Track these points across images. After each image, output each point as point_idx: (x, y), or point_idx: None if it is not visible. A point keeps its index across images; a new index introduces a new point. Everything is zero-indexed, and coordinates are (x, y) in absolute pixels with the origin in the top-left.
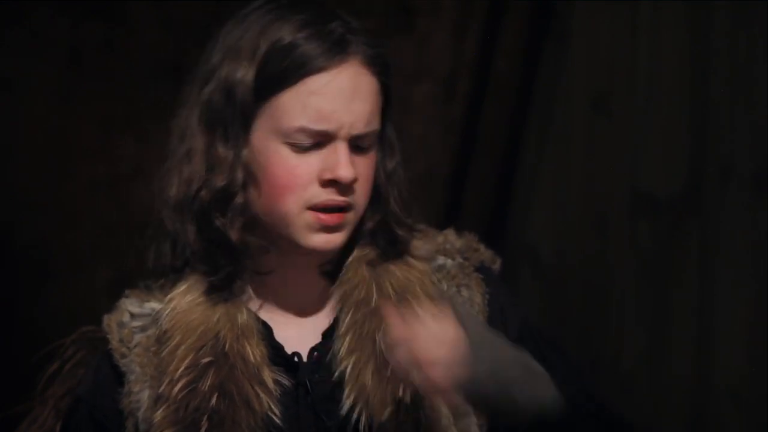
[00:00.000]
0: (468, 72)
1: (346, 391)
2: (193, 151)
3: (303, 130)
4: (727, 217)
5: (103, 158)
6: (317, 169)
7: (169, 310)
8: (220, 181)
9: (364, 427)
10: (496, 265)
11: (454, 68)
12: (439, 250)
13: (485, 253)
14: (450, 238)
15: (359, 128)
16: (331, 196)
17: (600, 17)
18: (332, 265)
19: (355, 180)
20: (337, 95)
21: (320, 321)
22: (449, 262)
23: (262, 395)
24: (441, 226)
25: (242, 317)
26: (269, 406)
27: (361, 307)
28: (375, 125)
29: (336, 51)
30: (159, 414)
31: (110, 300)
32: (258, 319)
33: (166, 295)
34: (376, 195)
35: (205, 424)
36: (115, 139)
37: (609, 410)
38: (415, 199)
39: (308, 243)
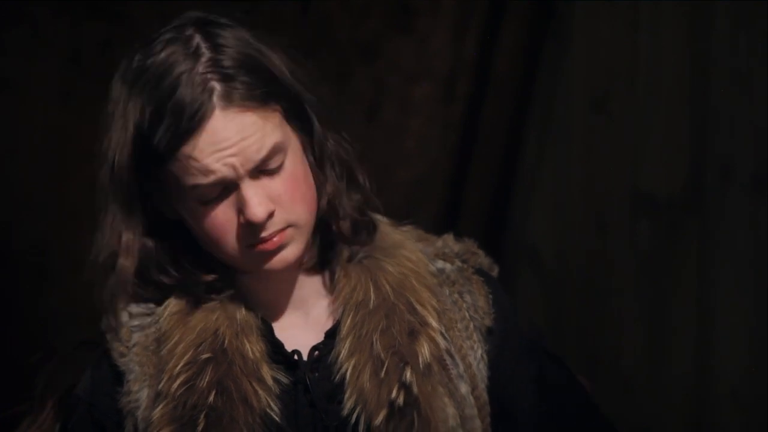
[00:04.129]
0: (468, 72)
1: (347, 394)
2: (108, 224)
3: (197, 188)
4: (727, 217)
5: None
6: (235, 213)
7: (167, 312)
8: (131, 266)
9: (363, 429)
10: (495, 273)
11: (454, 68)
12: (438, 254)
13: (484, 258)
14: (449, 242)
15: (252, 161)
16: (261, 234)
17: (600, 17)
18: (313, 260)
19: (272, 212)
20: (215, 149)
21: (324, 321)
22: (448, 266)
23: (260, 392)
24: (441, 226)
25: (241, 314)
26: (267, 403)
27: (360, 309)
28: (269, 143)
29: (198, 111)
30: (157, 411)
31: None
32: (257, 316)
33: (164, 296)
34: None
35: (202, 422)
36: None
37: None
38: (368, 174)
39: (263, 268)
